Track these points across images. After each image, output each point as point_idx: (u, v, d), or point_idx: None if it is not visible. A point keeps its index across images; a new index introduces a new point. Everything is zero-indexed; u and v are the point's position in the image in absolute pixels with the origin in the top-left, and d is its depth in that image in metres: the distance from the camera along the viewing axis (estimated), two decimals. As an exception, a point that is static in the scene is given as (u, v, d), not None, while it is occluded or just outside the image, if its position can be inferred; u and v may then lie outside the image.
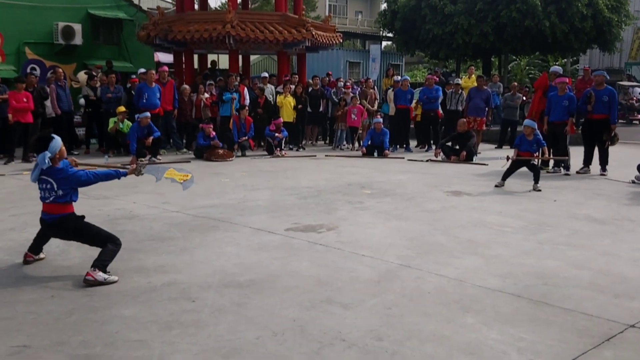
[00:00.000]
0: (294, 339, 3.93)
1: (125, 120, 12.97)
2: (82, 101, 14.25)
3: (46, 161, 4.94)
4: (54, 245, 6.05)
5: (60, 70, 14.19)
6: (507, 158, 9.80)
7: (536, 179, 9.37)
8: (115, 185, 9.45)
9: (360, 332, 4.03)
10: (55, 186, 5.05)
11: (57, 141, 5.08)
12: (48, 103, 13.15)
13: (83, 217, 5.35)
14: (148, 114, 12.30)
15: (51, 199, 5.10)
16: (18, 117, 12.24)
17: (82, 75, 16.00)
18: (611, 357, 3.70)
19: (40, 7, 16.43)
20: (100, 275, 4.90)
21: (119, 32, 18.22)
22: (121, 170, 5.51)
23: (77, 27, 16.90)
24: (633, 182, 10.08)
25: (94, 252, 5.80)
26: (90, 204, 8.08)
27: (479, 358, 3.68)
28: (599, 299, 4.65)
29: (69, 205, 5.22)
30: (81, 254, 5.78)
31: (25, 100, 12.34)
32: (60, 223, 5.21)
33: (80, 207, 7.80)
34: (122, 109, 13.11)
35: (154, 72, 13.74)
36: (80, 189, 5.38)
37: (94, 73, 14.89)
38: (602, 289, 4.87)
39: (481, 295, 4.75)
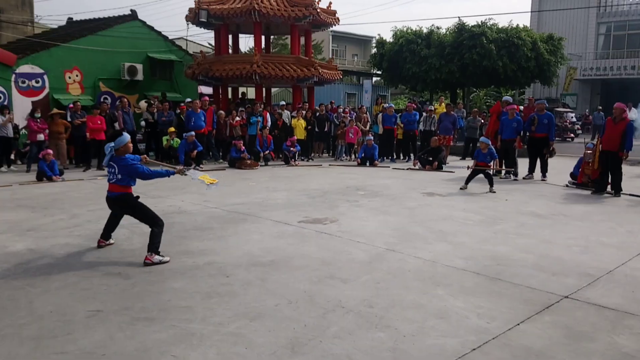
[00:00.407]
0: (305, 306, 3.92)
1: (175, 138, 13.00)
2: (143, 123, 14.29)
3: (108, 150, 5.05)
4: (121, 233, 6.07)
5: (126, 100, 14.22)
6: (468, 167, 9.75)
7: (491, 184, 9.29)
8: (167, 188, 9.52)
9: (355, 301, 4.01)
10: (116, 171, 5.08)
11: (124, 138, 5.12)
12: (116, 125, 13.19)
13: (137, 197, 5.29)
14: (193, 133, 12.35)
15: (113, 180, 5.14)
16: (94, 136, 12.31)
17: (142, 104, 16.04)
18: (550, 321, 3.67)
19: (111, 51, 16.47)
20: (155, 257, 4.93)
21: (171, 70, 18.21)
22: (171, 170, 5.44)
23: (139, 67, 16.93)
24: (567, 185, 10.00)
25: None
26: (148, 202, 8.00)
27: (447, 321, 3.66)
28: (541, 276, 4.61)
29: (127, 187, 5.19)
30: (143, 240, 5.75)
31: (99, 122, 12.41)
32: (118, 199, 5.20)
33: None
34: (172, 129, 13.14)
35: (198, 101, 13.80)
36: (141, 190, 5.41)
37: (152, 102, 14.91)
38: (543, 269, 4.83)
39: (449, 273, 4.73)
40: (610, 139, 8.77)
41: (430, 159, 12.96)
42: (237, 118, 14.33)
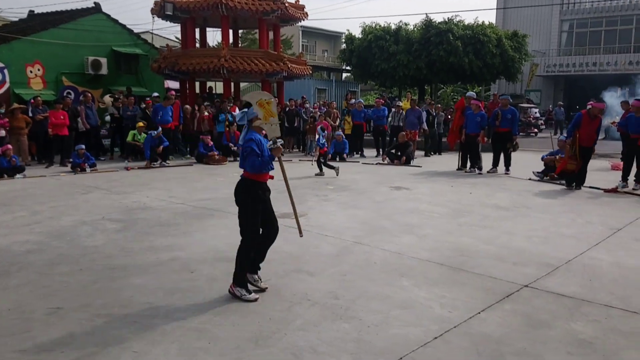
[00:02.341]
0: (271, 300, 3.90)
1: (142, 132, 12.76)
2: (108, 118, 14.00)
3: (239, 116, 4.13)
4: (83, 230, 5.93)
5: (89, 94, 13.89)
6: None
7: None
8: (133, 184, 9.35)
9: (321, 293, 4.02)
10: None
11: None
12: (79, 120, 12.87)
13: (257, 193, 4.06)
14: (160, 128, 12.15)
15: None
16: (56, 131, 11.96)
17: (107, 99, 15.71)
18: (510, 309, 3.75)
19: (73, 45, 16.02)
20: (237, 291, 3.92)
21: (137, 64, 17.82)
22: (266, 156, 4.03)
23: (103, 61, 16.53)
24: (530, 179, 10.23)
25: (117, 235, 5.73)
26: (112, 198, 7.92)
27: (411, 311, 3.70)
28: (502, 266, 4.70)
29: (246, 171, 4.05)
30: (105, 237, 5.66)
31: (62, 117, 12.06)
32: (237, 183, 4.13)
33: (103, 200, 7.77)
34: (141, 124, 12.88)
35: (173, 92, 13.64)
36: (106, 186, 5.25)
37: (117, 96, 14.59)
38: (504, 259, 4.93)
39: (414, 264, 4.78)
40: (589, 135, 9.01)
41: (399, 154, 13.07)
42: (205, 112, 14.14)
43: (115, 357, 3.02)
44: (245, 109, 4.10)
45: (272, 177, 4.19)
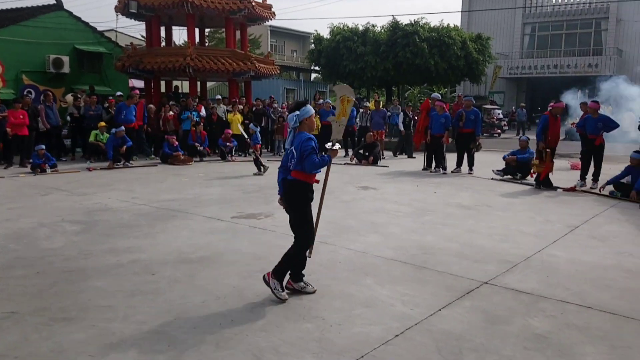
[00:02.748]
0: (233, 301, 3.87)
1: (104, 132, 12.46)
2: (68, 118, 13.62)
3: (294, 119, 3.94)
4: (42, 232, 5.76)
5: (50, 94, 13.50)
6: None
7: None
8: (94, 184, 9.13)
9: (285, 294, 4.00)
10: (294, 155, 3.97)
11: (309, 109, 3.99)
12: (39, 120, 12.49)
13: (308, 195, 4.08)
14: (123, 127, 11.87)
15: (289, 164, 4.02)
16: (16, 131, 11.57)
17: (69, 97, 15.27)
18: (470, 306, 3.81)
19: (34, 42, 15.56)
20: (272, 283, 3.91)
21: (100, 62, 17.43)
22: (326, 156, 4.11)
23: (65, 59, 16.12)
24: (492, 178, 10.44)
25: (76, 237, 5.59)
26: (73, 199, 7.71)
27: (373, 309, 3.73)
28: (463, 264, 4.78)
29: (300, 173, 3.96)
30: (65, 239, 5.51)
31: (21, 117, 11.68)
32: (289, 185, 4.07)
33: (63, 202, 7.57)
34: (102, 124, 12.60)
35: (137, 92, 13.36)
36: (66, 187, 5.08)
37: (79, 95, 14.20)
38: (465, 256, 5.00)
39: (378, 263, 4.81)
40: (556, 135, 9.22)
41: (367, 154, 13.16)
42: (170, 112, 13.92)
43: (70, 363, 2.93)
44: (297, 111, 3.95)
45: (317, 181, 4.11)
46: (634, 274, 4.59)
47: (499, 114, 26.57)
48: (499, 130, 25.38)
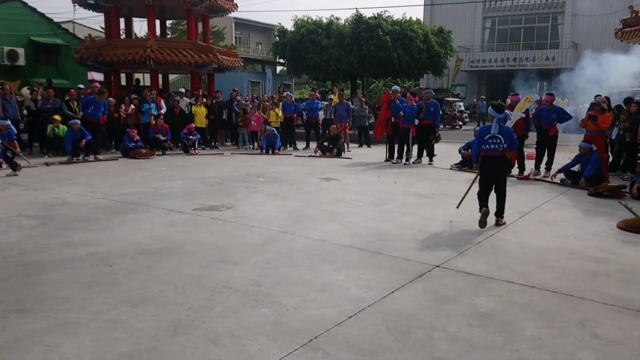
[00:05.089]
0: (191, 290, 3.92)
1: (61, 125, 12.16)
2: (25, 111, 13.25)
3: (505, 116, 6.58)
4: (-5, 228, 5.66)
5: (7, 86, 13.11)
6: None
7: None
8: (52, 179, 8.97)
9: (243, 282, 4.09)
10: (502, 140, 5.73)
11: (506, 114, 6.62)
12: (-5, 113, 12.14)
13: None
14: (78, 120, 11.55)
15: (499, 148, 5.76)
16: (-32, 125, 11.19)
17: (25, 91, 14.84)
18: (421, 288, 3.98)
19: (-14, 34, 15.12)
20: (502, 220, 5.93)
21: (57, 55, 17.04)
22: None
23: (21, 51, 15.71)
24: (451, 168, 10.73)
25: (33, 232, 5.53)
26: (29, 194, 7.57)
27: (329, 293, 3.85)
28: (417, 249, 4.95)
29: (507, 152, 5.87)
30: (20, 234, 5.44)
31: (-26, 111, 11.32)
32: (499, 159, 5.84)
33: (20, 197, 7.45)
34: (56, 117, 12.21)
35: (98, 84, 13.09)
36: (24, 182, 4.97)
37: (35, 89, 13.83)
38: (420, 242, 5.19)
39: (336, 250, 4.94)
40: (519, 126, 9.54)
41: (331, 146, 13.29)
42: (132, 106, 13.72)
43: (26, 351, 2.95)
44: (507, 112, 6.36)
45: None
46: (577, 255, 4.86)
47: (460, 106, 27.13)
48: (460, 123, 25.93)
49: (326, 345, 3.06)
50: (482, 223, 5.72)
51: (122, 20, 16.89)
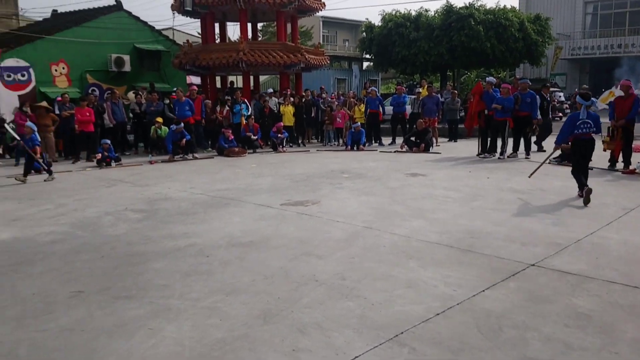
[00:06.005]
0: (279, 281, 4.07)
1: (163, 127, 13.03)
2: (130, 114, 14.37)
3: (597, 106, 7.05)
4: (107, 220, 6.21)
5: (117, 91, 14.29)
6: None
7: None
8: (155, 176, 9.66)
9: (328, 275, 4.16)
10: (592, 124, 6.60)
11: (592, 101, 6.88)
12: (105, 116, 13.28)
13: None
14: (182, 124, 12.38)
15: (590, 131, 6.62)
16: (82, 128, 12.33)
17: (130, 95, 16.04)
18: (514, 287, 3.83)
19: (97, 43, 16.47)
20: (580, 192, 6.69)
21: (159, 60, 18.18)
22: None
23: (126, 58, 16.96)
24: (550, 162, 10.11)
25: (138, 224, 5.99)
26: (135, 190, 8.21)
27: (415, 290, 3.82)
28: (511, 247, 4.76)
29: (595, 134, 6.76)
30: (127, 226, 5.91)
31: (88, 114, 12.44)
32: (590, 140, 6.73)
33: (128, 192, 8.08)
34: (159, 119, 13.13)
35: (181, 90, 13.91)
36: (129, 180, 5.37)
37: (140, 93, 14.94)
38: (513, 240, 4.98)
39: (422, 247, 4.88)
40: (622, 113, 8.97)
41: (418, 141, 13.09)
42: (227, 107, 14.40)
43: (131, 334, 3.23)
44: (592, 99, 6.70)
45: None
46: (692, 256, 4.43)
47: (560, 96, 25.50)
48: (560, 114, 24.37)
49: (412, 341, 3.05)
50: (587, 200, 6.30)
51: (216, 25, 17.73)
